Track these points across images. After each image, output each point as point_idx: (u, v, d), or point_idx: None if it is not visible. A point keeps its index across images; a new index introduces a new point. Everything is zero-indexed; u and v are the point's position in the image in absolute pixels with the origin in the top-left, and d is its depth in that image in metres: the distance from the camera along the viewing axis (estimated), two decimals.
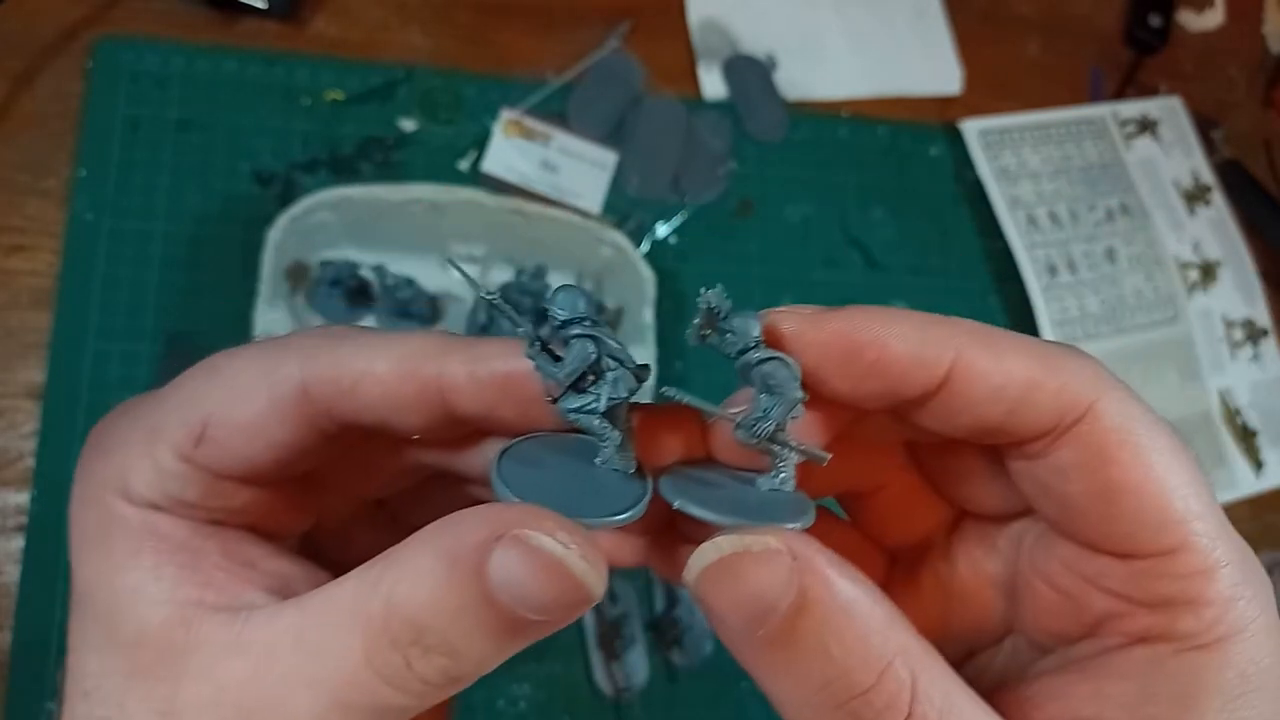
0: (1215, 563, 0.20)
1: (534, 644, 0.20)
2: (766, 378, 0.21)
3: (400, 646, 0.19)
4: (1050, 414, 0.20)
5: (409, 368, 0.21)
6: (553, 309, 0.21)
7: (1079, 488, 0.21)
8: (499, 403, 0.22)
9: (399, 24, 0.68)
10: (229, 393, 0.21)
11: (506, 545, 0.18)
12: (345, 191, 0.59)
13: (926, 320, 0.21)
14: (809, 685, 0.19)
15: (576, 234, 0.63)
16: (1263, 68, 0.92)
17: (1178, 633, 0.20)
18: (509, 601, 0.18)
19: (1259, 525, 0.77)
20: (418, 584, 0.19)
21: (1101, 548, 0.21)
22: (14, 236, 0.58)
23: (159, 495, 0.21)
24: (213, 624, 0.20)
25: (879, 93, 0.79)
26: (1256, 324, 0.82)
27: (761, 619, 0.19)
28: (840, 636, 0.19)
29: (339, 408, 0.22)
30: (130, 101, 0.61)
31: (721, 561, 0.19)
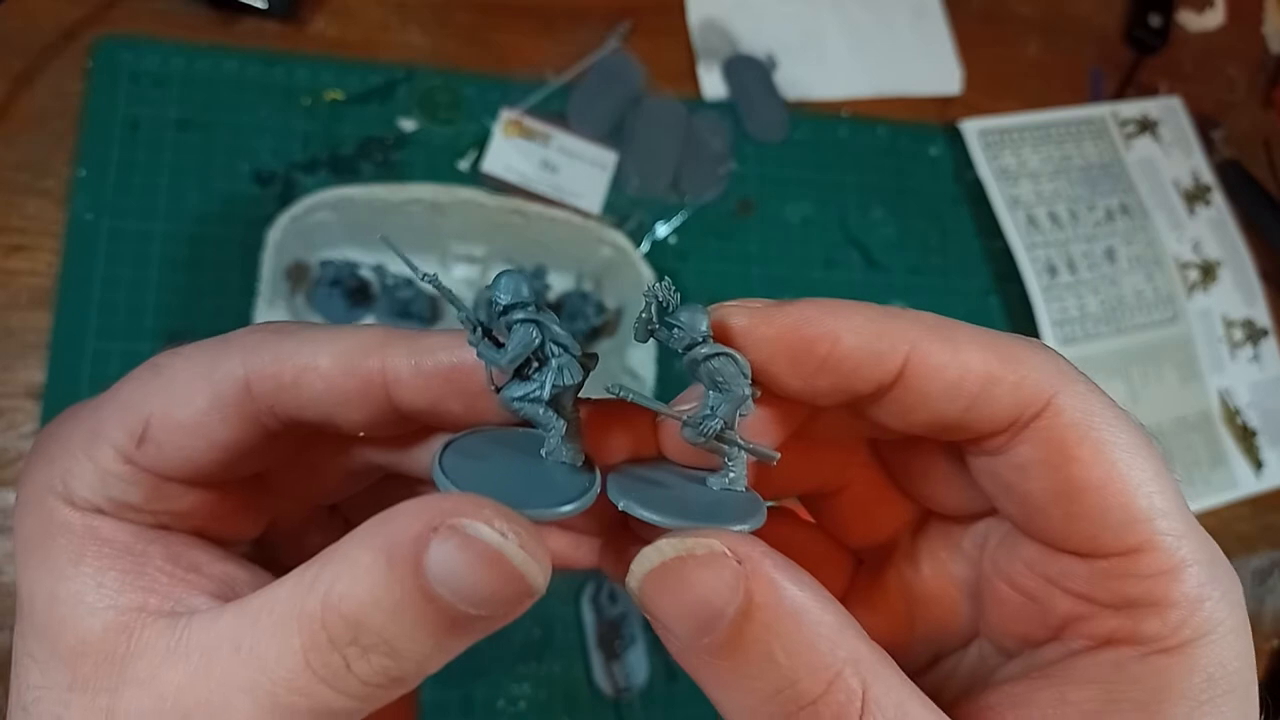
0: (1181, 562, 0.19)
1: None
2: (714, 374, 0.20)
3: (338, 646, 0.18)
4: (1009, 409, 0.20)
5: (352, 361, 0.21)
6: (494, 294, 0.20)
7: (1040, 485, 0.20)
8: (444, 395, 0.21)
9: (399, 24, 0.68)
10: (170, 392, 0.21)
11: (443, 536, 0.18)
12: (345, 191, 0.59)
13: (880, 313, 0.20)
14: (756, 695, 0.18)
15: (576, 234, 0.63)
16: (1263, 68, 0.92)
17: (1142, 635, 0.19)
18: (448, 596, 0.18)
19: (1259, 525, 0.77)
20: (355, 581, 0.18)
21: (1064, 547, 0.21)
22: (14, 236, 0.58)
23: (102, 499, 0.21)
24: (154, 630, 0.19)
25: (879, 93, 0.79)
26: (1256, 324, 0.82)
27: (707, 626, 0.18)
28: (787, 643, 0.18)
29: (282, 403, 0.21)
30: (130, 101, 0.61)
31: (664, 566, 0.18)
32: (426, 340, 0.21)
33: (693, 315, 0.20)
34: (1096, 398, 0.20)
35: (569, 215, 0.63)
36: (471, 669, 0.58)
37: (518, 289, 0.20)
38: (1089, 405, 0.20)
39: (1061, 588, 0.21)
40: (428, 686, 0.57)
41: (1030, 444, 0.20)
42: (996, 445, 0.21)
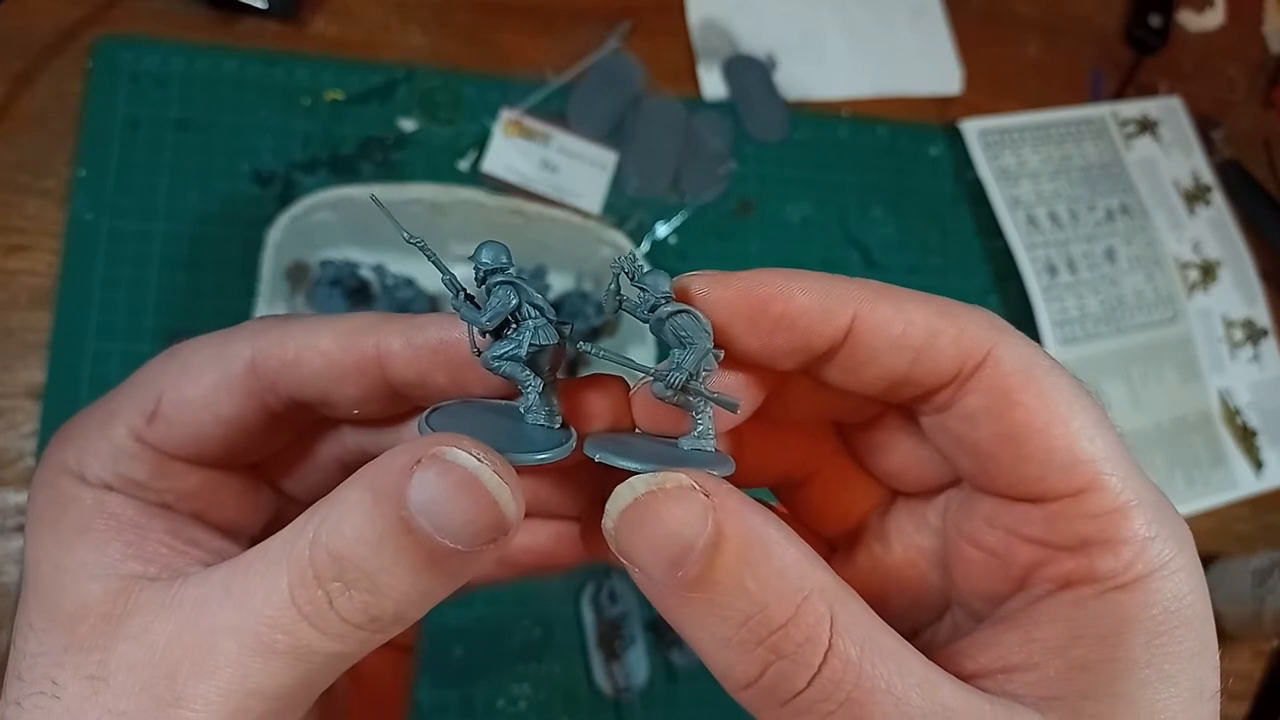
0: (1128, 502, 0.20)
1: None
2: (677, 329, 0.21)
3: (323, 581, 0.19)
4: (952, 360, 0.21)
5: (350, 339, 0.22)
6: (476, 260, 0.21)
7: (988, 433, 0.21)
8: (431, 367, 0.22)
9: (399, 24, 0.68)
10: (181, 371, 0.22)
11: (425, 465, 0.19)
12: (345, 191, 0.59)
13: (828, 277, 0.22)
14: (728, 624, 0.19)
15: (576, 234, 0.63)
16: (1263, 68, 0.92)
17: (1098, 573, 0.20)
18: (426, 526, 0.18)
19: (1259, 525, 0.77)
20: (343, 517, 0.19)
21: (1016, 494, 0.22)
22: (14, 236, 0.58)
23: (111, 475, 0.22)
24: (150, 591, 0.20)
25: (879, 93, 0.79)
26: (1256, 324, 0.82)
27: (680, 558, 0.18)
28: (756, 571, 0.19)
29: (284, 380, 0.22)
30: (130, 101, 0.61)
31: (637, 501, 0.19)
32: (419, 320, 0.23)
33: (656, 278, 0.21)
34: (1033, 349, 0.21)
35: (569, 215, 0.63)
36: (471, 669, 0.58)
37: (496, 255, 0.21)
38: (1027, 355, 0.21)
39: (1020, 536, 0.22)
40: (428, 687, 0.57)
41: (975, 394, 0.21)
42: (945, 399, 0.22)
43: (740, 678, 0.19)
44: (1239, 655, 0.73)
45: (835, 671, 0.18)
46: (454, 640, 0.58)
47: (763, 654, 0.19)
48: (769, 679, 0.19)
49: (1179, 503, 0.74)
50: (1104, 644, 0.20)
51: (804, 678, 0.18)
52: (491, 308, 0.21)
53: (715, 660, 0.19)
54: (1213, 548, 0.76)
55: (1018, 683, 0.20)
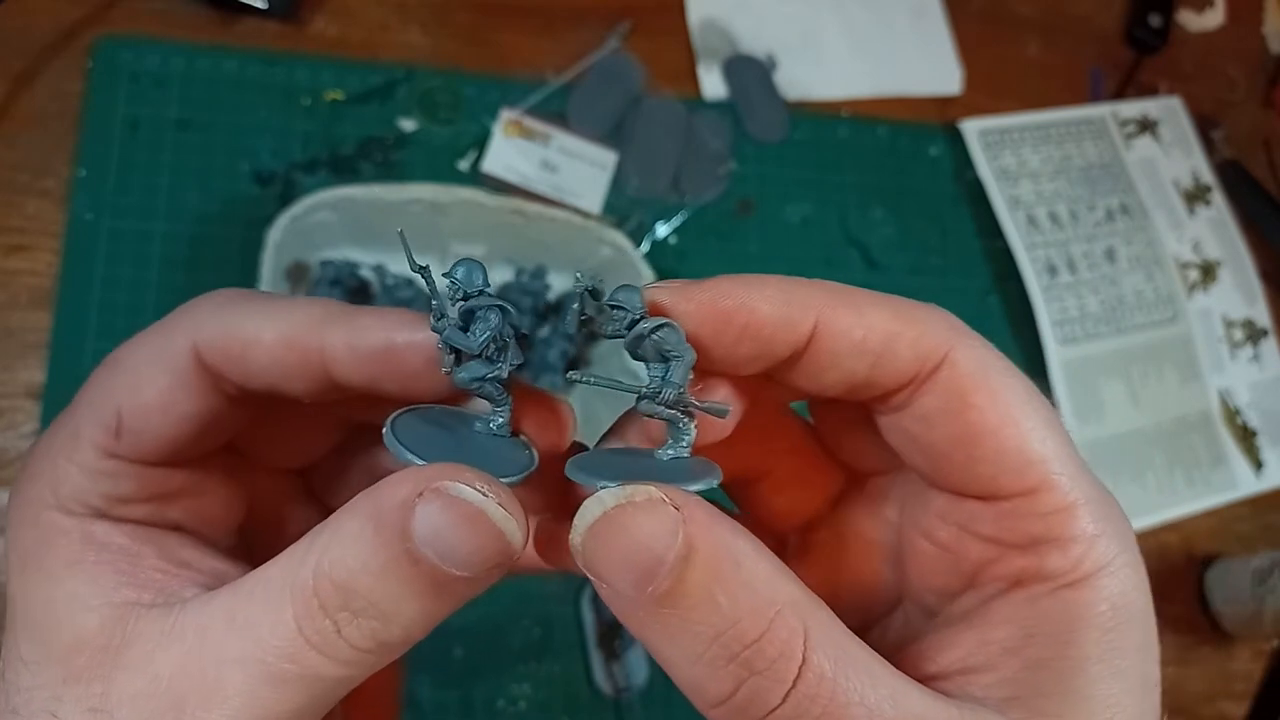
0: (1075, 501, 0.21)
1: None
2: (661, 343, 0.21)
3: (330, 611, 0.19)
4: (910, 363, 0.21)
5: (293, 338, 0.22)
6: (452, 279, 0.21)
7: (942, 433, 0.22)
8: (378, 375, 0.22)
9: (399, 24, 0.68)
10: (132, 380, 0.22)
11: (428, 499, 0.19)
12: (345, 191, 0.59)
13: (789, 282, 0.21)
14: (700, 641, 0.18)
15: (576, 234, 0.63)
16: (1263, 68, 0.92)
17: (1048, 571, 0.21)
18: (433, 556, 0.18)
19: (1259, 525, 0.77)
20: (344, 549, 0.19)
21: (968, 492, 0.22)
22: (14, 236, 0.58)
23: (95, 499, 0.22)
24: (148, 619, 0.20)
25: (879, 93, 0.79)
26: (1256, 324, 0.82)
27: (650, 574, 0.18)
28: (727, 586, 0.18)
29: (230, 374, 0.22)
30: (130, 101, 0.61)
31: (606, 516, 0.19)
32: (363, 320, 0.22)
33: (630, 294, 0.21)
34: (989, 351, 0.22)
35: (569, 215, 0.63)
36: (471, 669, 0.58)
37: (474, 276, 0.21)
38: (982, 357, 0.21)
39: (971, 533, 0.22)
40: (428, 686, 0.57)
41: (932, 395, 0.21)
42: (902, 400, 0.22)
43: (712, 695, 0.19)
44: (1239, 655, 0.73)
45: (810, 687, 0.18)
46: (454, 640, 0.58)
47: (735, 670, 0.18)
48: (742, 696, 0.18)
49: (1179, 503, 0.74)
50: (1057, 641, 0.20)
51: (778, 694, 0.18)
52: (482, 334, 0.21)
53: (685, 677, 0.19)
54: (1213, 548, 0.76)
55: (977, 684, 0.20)
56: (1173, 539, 0.75)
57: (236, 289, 0.23)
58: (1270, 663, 0.74)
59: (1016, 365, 0.22)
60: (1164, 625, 0.69)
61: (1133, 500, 0.73)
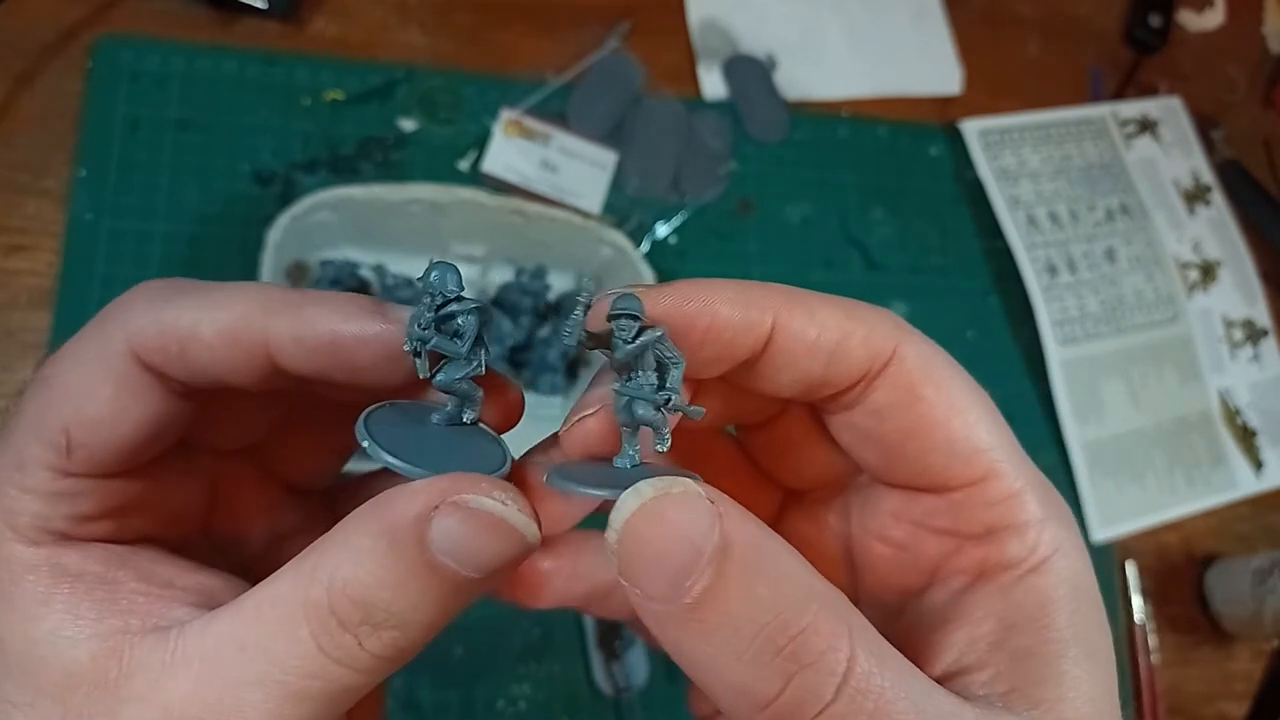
0: (1021, 488, 0.22)
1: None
2: (664, 351, 0.21)
3: (350, 627, 0.19)
4: (862, 360, 0.22)
5: (235, 331, 0.21)
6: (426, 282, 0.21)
7: (894, 426, 0.22)
8: (326, 368, 0.21)
9: (399, 24, 0.68)
10: (73, 393, 0.21)
11: (447, 512, 0.19)
12: (345, 191, 0.59)
13: (746, 286, 0.22)
14: (742, 635, 0.18)
15: (576, 234, 0.63)
16: (1263, 68, 0.92)
17: (1009, 559, 0.22)
18: (454, 565, 0.19)
19: (1259, 525, 0.77)
20: (358, 565, 0.19)
21: (921, 484, 0.23)
22: (14, 236, 0.58)
23: (58, 522, 0.21)
24: (144, 647, 0.19)
25: (879, 93, 0.79)
26: (1256, 324, 0.82)
27: (690, 567, 0.18)
28: (767, 577, 0.18)
29: (172, 372, 0.21)
30: (130, 101, 0.61)
31: (644, 507, 0.18)
32: (309, 310, 0.21)
33: (632, 302, 0.20)
34: (932, 348, 0.23)
35: (569, 215, 0.63)
36: (471, 669, 0.58)
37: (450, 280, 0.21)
38: (928, 353, 0.22)
39: (928, 529, 0.23)
40: (428, 687, 0.57)
41: (883, 390, 0.22)
42: (854, 396, 0.23)
43: (759, 695, 0.18)
44: (1239, 655, 0.73)
45: (860, 681, 0.17)
46: (454, 640, 0.58)
47: (782, 664, 0.17)
48: (792, 693, 0.17)
49: (1179, 503, 0.74)
50: (1035, 628, 0.21)
51: (830, 688, 0.17)
52: (468, 339, 0.21)
53: (729, 680, 0.18)
54: (1213, 548, 0.76)
55: (976, 683, 0.21)
56: (1173, 539, 0.75)
57: (170, 279, 0.22)
58: (1270, 663, 0.74)
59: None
60: (1164, 625, 0.69)
61: (1133, 500, 0.73)
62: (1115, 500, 0.73)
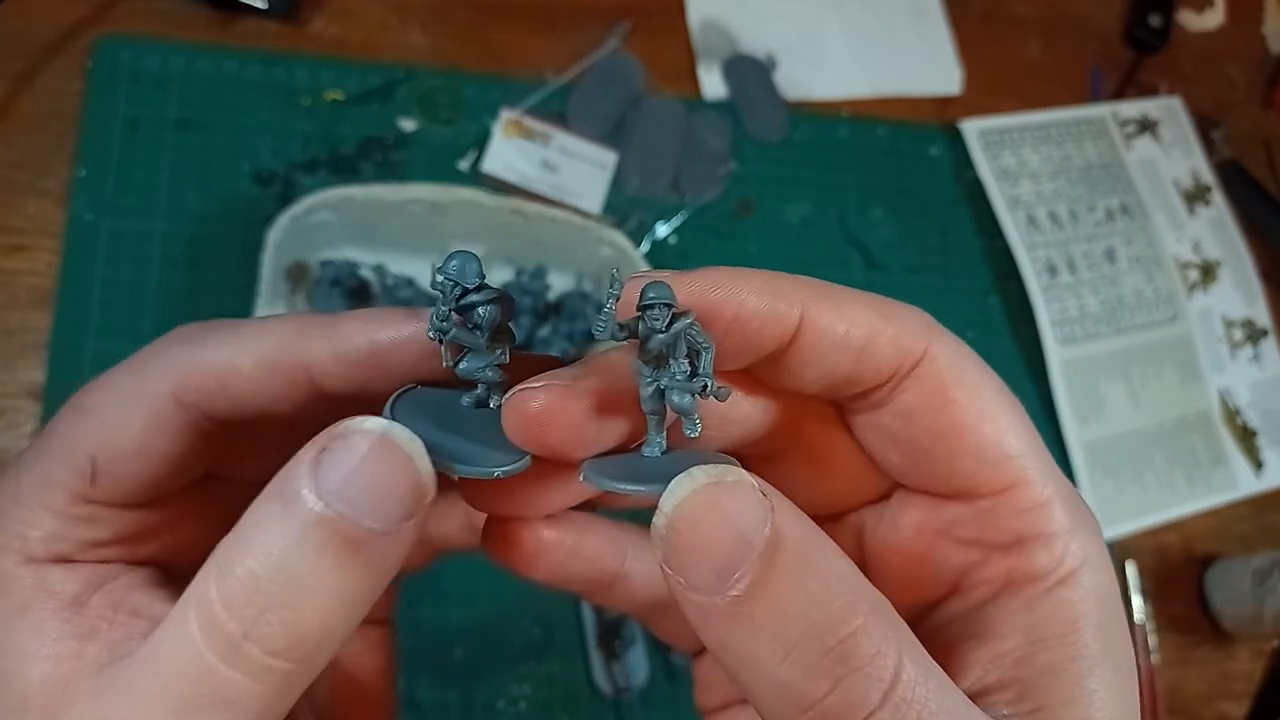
0: (1050, 496, 0.21)
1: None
2: (695, 337, 0.20)
3: (235, 611, 0.17)
4: (891, 358, 0.21)
5: (273, 359, 0.21)
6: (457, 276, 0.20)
7: (924, 428, 0.22)
8: (369, 379, 0.21)
9: (399, 24, 0.68)
10: (105, 424, 0.21)
11: (332, 448, 0.18)
12: (345, 191, 0.59)
13: (774, 277, 0.21)
14: (789, 633, 0.17)
15: (576, 234, 0.63)
16: (1263, 68, 0.92)
17: (1037, 569, 0.21)
18: (344, 510, 0.17)
19: (1259, 525, 0.77)
20: (250, 538, 0.17)
21: (948, 490, 0.22)
22: (14, 236, 0.58)
23: (69, 545, 0.21)
24: (84, 675, 0.19)
25: (879, 93, 0.79)
26: (1256, 324, 0.82)
27: (740, 558, 0.17)
28: (817, 572, 0.17)
29: (213, 409, 0.21)
30: (130, 101, 0.61)
31: (696, 493, 0.18)
32: (343, 326, 0.21)
33: (662, 289, 0.20)
34: (963, 348, 0.22)
35: (569, 215, 0.63)
36: (471, 669, 0.58)
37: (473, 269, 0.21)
38: (959, 353, 0.22)
39: (953, 538, 0.22)
40: (428, 687, 0.57)
41: (912, 390, 0.21)
42: (882, 396, 0.22)
43: (805, 696, 0.17)
44: (1239, 655, 0.73)
45: (906, 690, 0.17)
46: (454, 640, 0.58)
47: (830, 666, 0.17)
48: (837, 697, 0.17)
49: (1179, 503, 0.74)
50: (1062, 644, 0.20)
51: (878, 694, 0.17)
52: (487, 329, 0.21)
53: (773, 678, 0.17)
54: (1213, 548, 0.76)
55: (1002, 702, 0.20)
56: (1173, 539, 0.75)
57: (203, 322, 0.22)
58: (1270, 663, 0.74)
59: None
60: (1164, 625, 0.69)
61: (1133, 500, 0.73)
62: (1115, 500, 0.73)
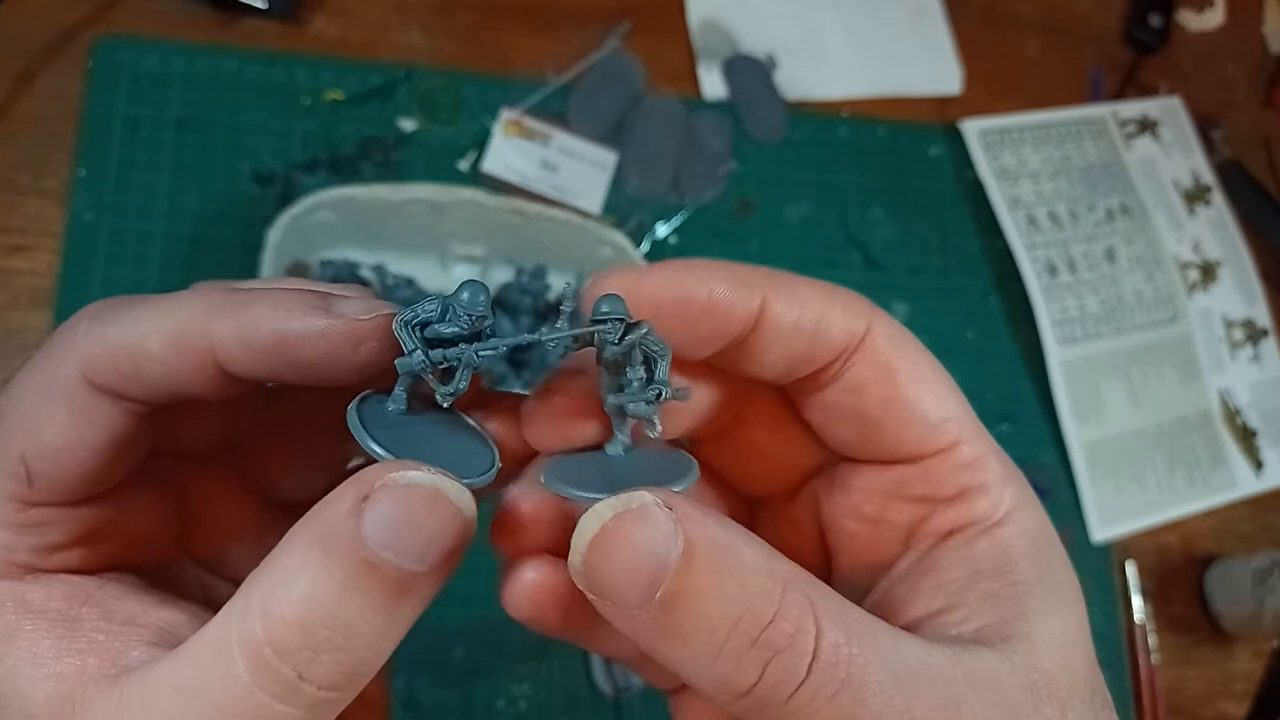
0: (986, 451, 0.24)
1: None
2: (650, 344, 0.21)
3: (288, 656, 0.18)
4: (841, 335, 0.23)
5: (181, 341, 0.20)
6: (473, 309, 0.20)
7: (873, 399, 0.24)
8: (275, 368, 0.21)
9: (399, 24, 0.68)
10: (27, 422, 0.20)
11: (377, 497, 0.18)
12: (345, 191, 0.59)
13: (735, 266, 0.23)
14: (718, 633, 0.18)
15: (576, 234, 0.63)
16: (1263, 68, 0.92)
17: (977, 516, 0.23)
18: (395, 558, 0.18)
19: (1259, 525, 0.77)
20: (292, 584, 0.18)
21: (899, 456, 0.24)
22: (14, 236, 0.58)
23: (25, 554, 0.21)
24: (95, 691, 0.19)
25: (879, 93, 0.79)
26: (1256, 324, 0.82)
27: (655, 580, 0.18)
28: (733, 574, 0.19)
29: (129, 391, 0.21)
30: (130, 101, 0.61)
31: (605, 529, 0.19)
32: (252, 309, 0.20)
33: (614, 302, 0.20)
34: (898, 324, 0.24)
35: (569, 215, 0.63)
36: (471, 669, 0.58)
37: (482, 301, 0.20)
38: (896, 329, 0.24)
39: (902, 498, 0.24)
40: (428, 686, 0.57)
41: (861, 365, 0.23)
42: (834, 373, 0.24)
43: (739, 684, 0.19)
44: (1239, 655, 0.73)
45: (829, 654, 0.18)
46: (454, 640, 0.58)
47: (758, 654, 0.18)
48: (769, 678, 0.18)
49: (1179, 503, 0.74)
50: (1001, 573, 0.22)
51: (803, 666, 0.18)
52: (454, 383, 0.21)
53: (708, 675, 0.19)
54: (1213, 548, 0.76)
55: (949, 624, 0.22)
56: (1173, 539, 0.75)
57: (115, 297, 0.21)
58: (1270, 663, 0.74)
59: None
60: (1164, 625, 0.69)
61: (1133, 500, 0.73)
62: (1115, 500, 0.73)
